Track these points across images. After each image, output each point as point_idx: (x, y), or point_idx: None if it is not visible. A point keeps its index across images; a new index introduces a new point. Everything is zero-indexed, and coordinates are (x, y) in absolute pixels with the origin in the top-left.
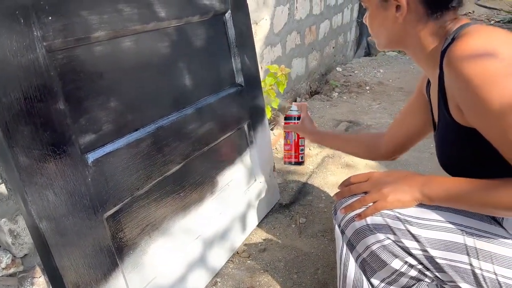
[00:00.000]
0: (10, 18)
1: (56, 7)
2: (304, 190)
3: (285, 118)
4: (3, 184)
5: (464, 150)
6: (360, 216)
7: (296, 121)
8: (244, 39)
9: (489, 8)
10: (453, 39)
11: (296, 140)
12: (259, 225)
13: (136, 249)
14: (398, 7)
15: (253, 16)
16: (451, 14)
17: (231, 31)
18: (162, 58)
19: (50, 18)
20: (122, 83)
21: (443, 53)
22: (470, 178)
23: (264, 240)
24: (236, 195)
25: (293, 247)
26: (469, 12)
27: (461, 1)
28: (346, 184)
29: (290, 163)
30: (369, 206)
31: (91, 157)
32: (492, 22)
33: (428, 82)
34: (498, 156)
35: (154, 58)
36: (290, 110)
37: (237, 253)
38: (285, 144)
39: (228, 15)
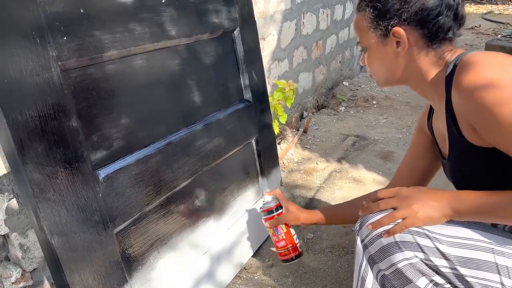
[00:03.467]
0: (27, 38)
1: (71, 28)
2: (311, 205)
3: (264, 214)
4: (14, 199)
5: (481, 169)
6: (388, 232)
7: (279, 211)
8: (252, 56)
9: (496, 22)
10: (454, 66)
11: (286, 231)
12: (266, 240)
13: (145, 265)
14: (398, 43)
15: (260, 31)
16: (448, 45)
17: (240, 48)
18: (172, 75)
19: (65, 38)
20: (133, 100)
21: (447, 79)
22: (498, 191)
23: (271, 255)
24: (244, 210)
25: (301, 263)
26: (476, 26)
27: (456, 33)
28: (373, 199)
29: (290, 259)
30: (398, 222)
31: (102, 173)
32: (499, 36)
33: (429, 116)
34: None
35: (164, 75)
36: (266, 203)
37: (245, 268)
38: (276, 242)
39: (236, 32)
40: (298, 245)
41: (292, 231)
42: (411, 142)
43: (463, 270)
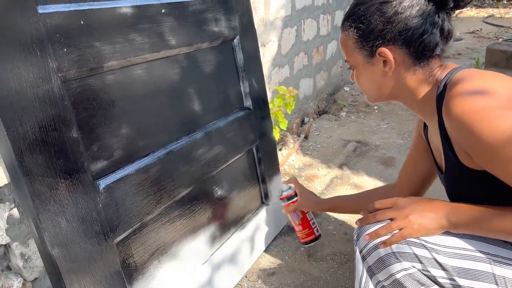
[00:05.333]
0: (27, 50)
1: (71, 39)
2: (312, 212)
3: (282, 202)
4: (15, 208)
5: (478, 192)
6: (385, 243)
7: (294, 199)
8: (252, 64)
9: (497, 26)
10: (445, 86)
11: (303, 217)
12: (267, 248)
13: (145, 274)
14: (385, 62)
15: (261, 38)
16: (436, 61)
17: (240, 56)
18: (172, 84)
19: (65, 49)
20: (133, 110)
21: (438, 99)
22: (497, 206)
23: (272, 263)
24: (245, 218)
25: (302, 271)
26: (477, 30)
27: (443, 49)
28: (370, 210)
29: (307, 242)
30: (395, 233)
31: (102, 183)
32: (500, 39)
33: (425, 125)
34: None
35: (165, 84)
36: (284, 191)
37: (246, 276)
38: (294, 226)
39: (236, 40)
40: (315, 229)
41: (309, 216)
42: (412, 145)
43: (461, 281)
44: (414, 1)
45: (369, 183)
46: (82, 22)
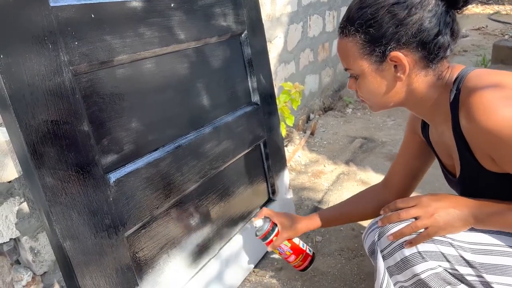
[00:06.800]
0: (40, 43)
1: (82, 33)
2: (319, 208)
3: (262, 240)
4: (25, 203)
5: (499, 193)
6: (411, 243)
7: (275, 231)
8: (260, 59)
9: (503, 22)
10: (458, 89)
11: (291, 245)
12: None
13: (155, 268)
14: (395, 66)
15: (267, 34)
16: (445, 63)
17: (247, 51)
18: (181, 79)
19: (76, 43)
20: (143, 104)
21: (453, 103)
22: None
23: (280, 258)
24: (252, 213)
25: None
26: (483, 27)
27: (452, 49)
28: (392, 209)
29: (305, 268)
30: (420, 232)
31: (113, 177)
32: (506, 36)
33: (424, 126)
34: None
35: (174, 79)
36: (259, 229)
37: (254, 271)
38: (286, 258)
39: (244, 35)
40: (307, 250)
41: (296, 240)
42: (403, 142)
43: (489, 277)
44: (426, 1)
45: (376, 179)
46: (92, 16)
